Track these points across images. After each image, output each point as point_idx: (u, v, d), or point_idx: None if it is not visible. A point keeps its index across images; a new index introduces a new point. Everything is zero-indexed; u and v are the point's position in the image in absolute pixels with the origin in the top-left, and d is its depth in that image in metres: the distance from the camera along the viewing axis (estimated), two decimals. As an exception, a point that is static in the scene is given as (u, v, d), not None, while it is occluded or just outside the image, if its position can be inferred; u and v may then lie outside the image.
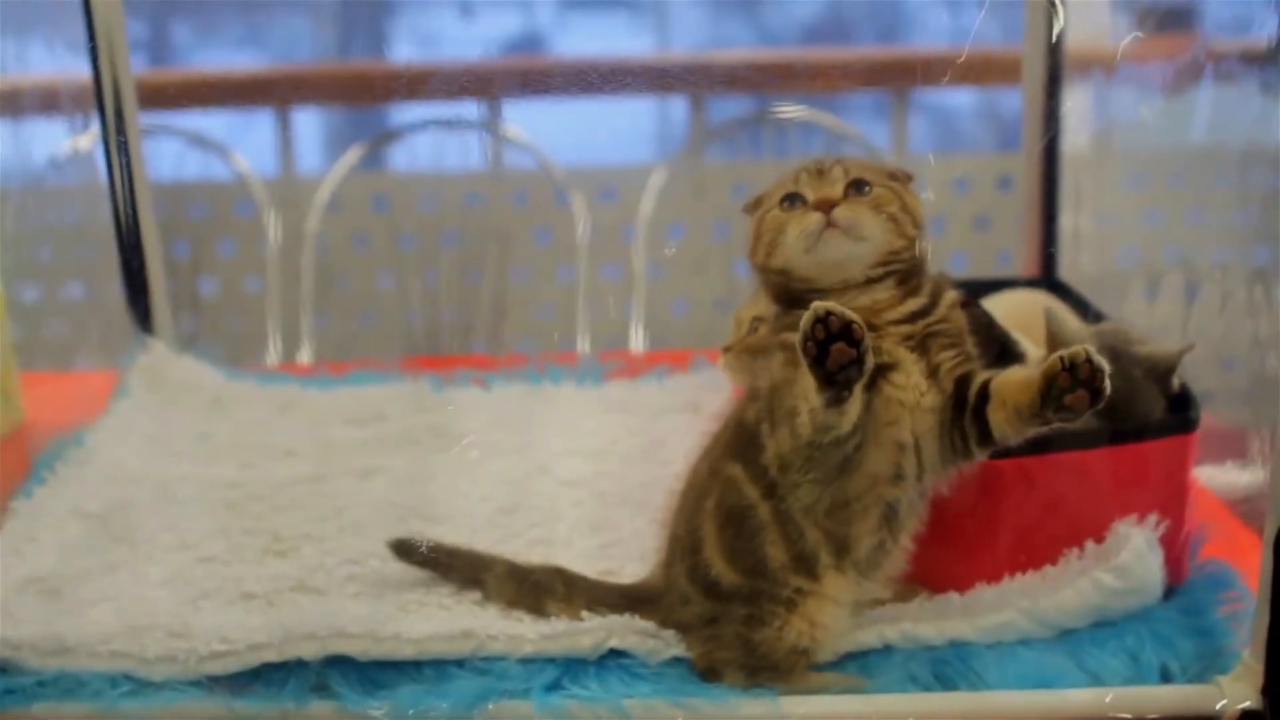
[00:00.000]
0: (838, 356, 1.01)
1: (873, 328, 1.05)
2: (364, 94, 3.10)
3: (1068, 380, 1.02)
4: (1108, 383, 1.02)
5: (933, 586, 1.16)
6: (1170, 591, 1.16)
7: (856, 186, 1.10)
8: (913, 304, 1.09)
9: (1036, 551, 1.16)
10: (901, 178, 1.13)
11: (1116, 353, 1.22)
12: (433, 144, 2.66)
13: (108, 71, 1.63)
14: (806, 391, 1.04)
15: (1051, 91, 1.63)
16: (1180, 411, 1.20)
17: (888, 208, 1.10)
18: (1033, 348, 1.28)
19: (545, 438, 1.57)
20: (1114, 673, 1.10)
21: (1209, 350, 1.45)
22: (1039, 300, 1.42)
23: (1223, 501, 1.35)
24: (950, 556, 1.16)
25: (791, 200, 1.11)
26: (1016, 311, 1.35)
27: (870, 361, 1.02)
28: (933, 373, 1.08)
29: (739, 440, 1.12)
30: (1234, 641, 1.11)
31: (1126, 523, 1.14)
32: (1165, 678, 1.10)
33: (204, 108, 2.90)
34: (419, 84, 2.75)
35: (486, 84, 2.55)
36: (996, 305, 1.36)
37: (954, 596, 1.15)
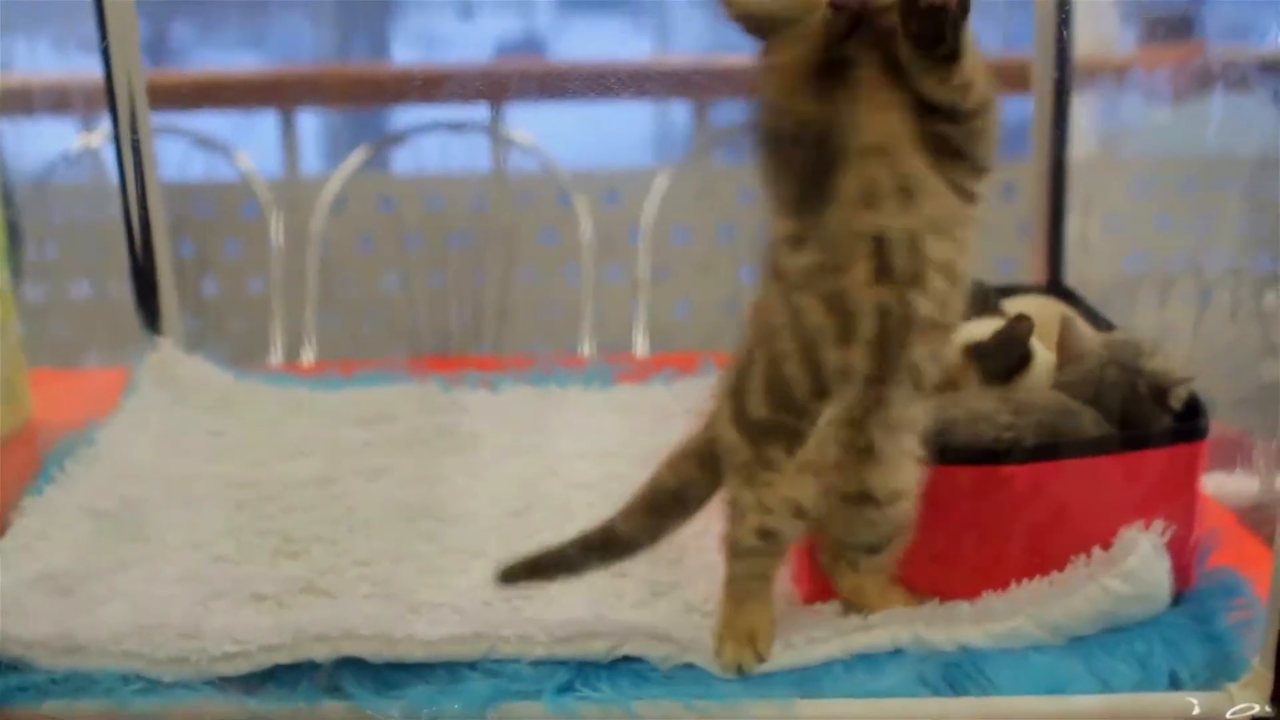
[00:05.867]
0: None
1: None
2: (368, 96, 3.11)
3: None
4: None
5: (943, 593, 1.16)
6: (1179, 598, 1.17)
7: None
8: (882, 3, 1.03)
9: (1046, 558, 1.16)
10: None
11: (1124, 366, 1.23)
12: (437, 146, 2.66)
13: (120, 71, 1.63)
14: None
15: (1060, 99, 1.64)
16: (1190, 419, 1.20)
17: None
18: (1048, 355, 1.29)
19: (554, 440, 1.58)
20: (1123, 678, 1.10)
21: (1216, 357, 1.46)
22: (1048, 307, 1.43)
23: (1230, 509, 1.35)
24: (960, 563, 1.16)
25: None
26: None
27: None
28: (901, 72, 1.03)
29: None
30: (1243, 648, 1.11)
31: (1133, 529, 1.14)
32: (1174, 684, 1.10)
33: (207, 108, 2.91)
34: (424, 86, 2.77)
35: (491, 87, 2.56)
36: (1011, 312, 1.37)
37: (964, 603, 1.15)
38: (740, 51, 1.07)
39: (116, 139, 1.66)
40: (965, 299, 1.09)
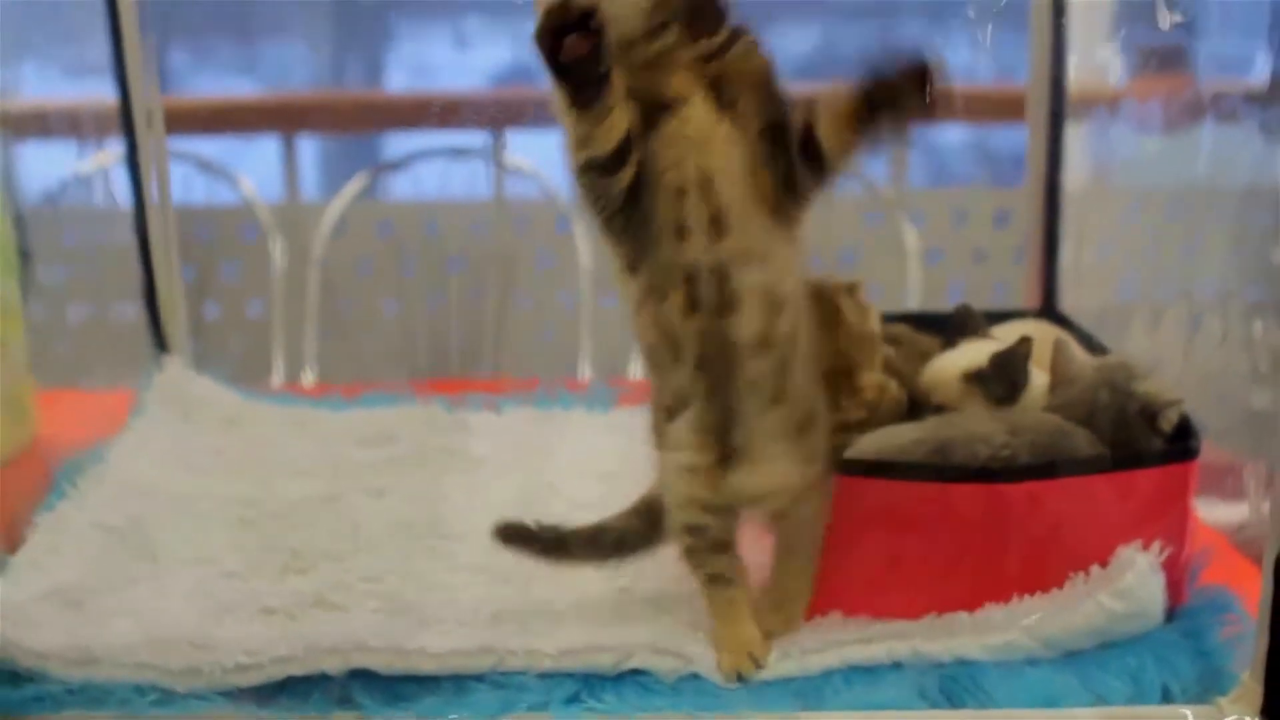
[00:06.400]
0: (571, 49, 1.01)
1: (657, 68, 1.07)
2: (365, 122, 3.14)
3: (905, 74, 1.04)
4: (936, 77, 1.03)
5: (941, 607, 1.19)
6: (1171, 615, 1.19)
7: None
8: (705, 46, 1.09)
9: (1041, 574, 1.19)
10: None
11: (1115, 388, 1.26)
12: (437, 172, 2.69)
13: (138, 95, 1.67)
14: (566, 117, 1.05)
15: (1055, 128, 1.68)
16: (1181, 440, 1.23)
17: None
18: (1042, 377, 1.31)
19: (556, 460, 1.60)
20: (1117, 693, 1.13)
21: (1206, 382, 1.49)
22: (1042, 331, 1.46)
23: (1221, 531, 1.38)
24: (958, 579, 1.19)
25: None
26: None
27: (607, 63, 1.02)
28: (729, 107, 1.09)
29: None
30: (1233, 663, 1.13)
31: (1130, 548, 1.17)
32: (1166, 698, 1.13)
33: (205, 133, 2.94)
34: (425, 112, 2.80)
35: (490, 113, 2.60)
36: (1003, 336, 1.40)
37: (963, 616, 1.18)
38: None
39: (133, 161, 1.69)
40: (798, 314, 1.13)
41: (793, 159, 1.09)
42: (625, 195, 1.08)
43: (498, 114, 2.72)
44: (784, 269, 1.11)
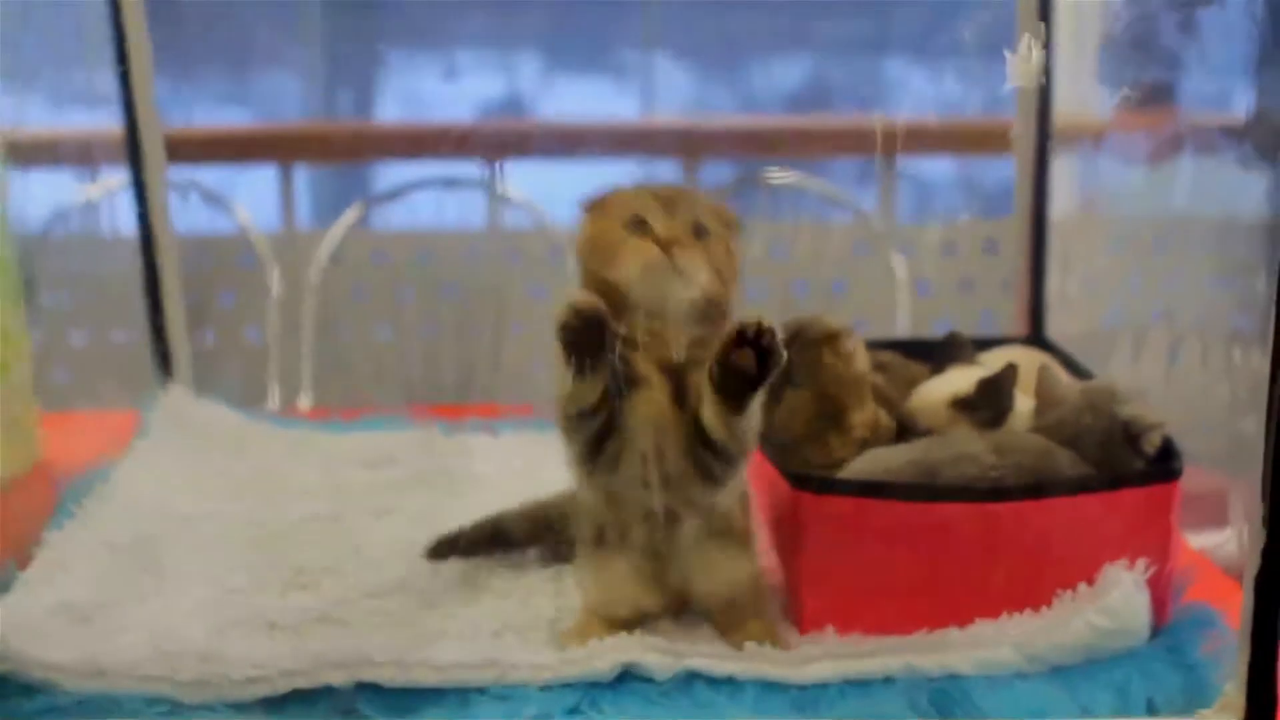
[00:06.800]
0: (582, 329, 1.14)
1: (635, 346, 1.18)
2: (361, 152, 3.17)
3: (735, 340, 1.12)
4: (779, 344, 1.12)
5: (933, 623, 1.22)
6: (1156, 630, 1.22)
7: (697, 231, 1.19)
8: (685, 346, 1.21)
9: (1028, 590, 1.22)
10: (734, 227, 1.23)
11: (1100, 411, 1.30)
12: (432, 201, 2.72)
13: (146, 123, 1.70)
14: (564, 374, 1.17)
15: (1041, 160, 1.72)
16: (1164, 461, 1.26)
17: (718, 260, 1.19)
18: (1027, 402, 1.35)
19: (553, 481, 1.63)
20: (1103, 705, 1.15)
21: (1189, 407, 1.52)
22: (1029, 356, 1.49)
23: (1203, 551, 1.41)
24: (950, 594, 1.22)
25: (637, 224, 1.19)
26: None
27: (610, 350, 1.15)
28: (680, 395, 1.20)
29: None
30: (1216, 677, 1.16)
31: (1116, 566, 1.20)
32: (1151, 711, 1.16)
33: (202, 163, 2.96)
34: (416, 143, 2.83)
35: (485, 145, 2.63)
36: (990, 362, 1.43)
37: (954, 631, 1.21)
38: (726, 112, 1.14)
39: (139, 189, 1.72)
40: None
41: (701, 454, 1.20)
42: (599, 435, 1.20)
43: (492, 145, 2.76)
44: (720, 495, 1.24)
